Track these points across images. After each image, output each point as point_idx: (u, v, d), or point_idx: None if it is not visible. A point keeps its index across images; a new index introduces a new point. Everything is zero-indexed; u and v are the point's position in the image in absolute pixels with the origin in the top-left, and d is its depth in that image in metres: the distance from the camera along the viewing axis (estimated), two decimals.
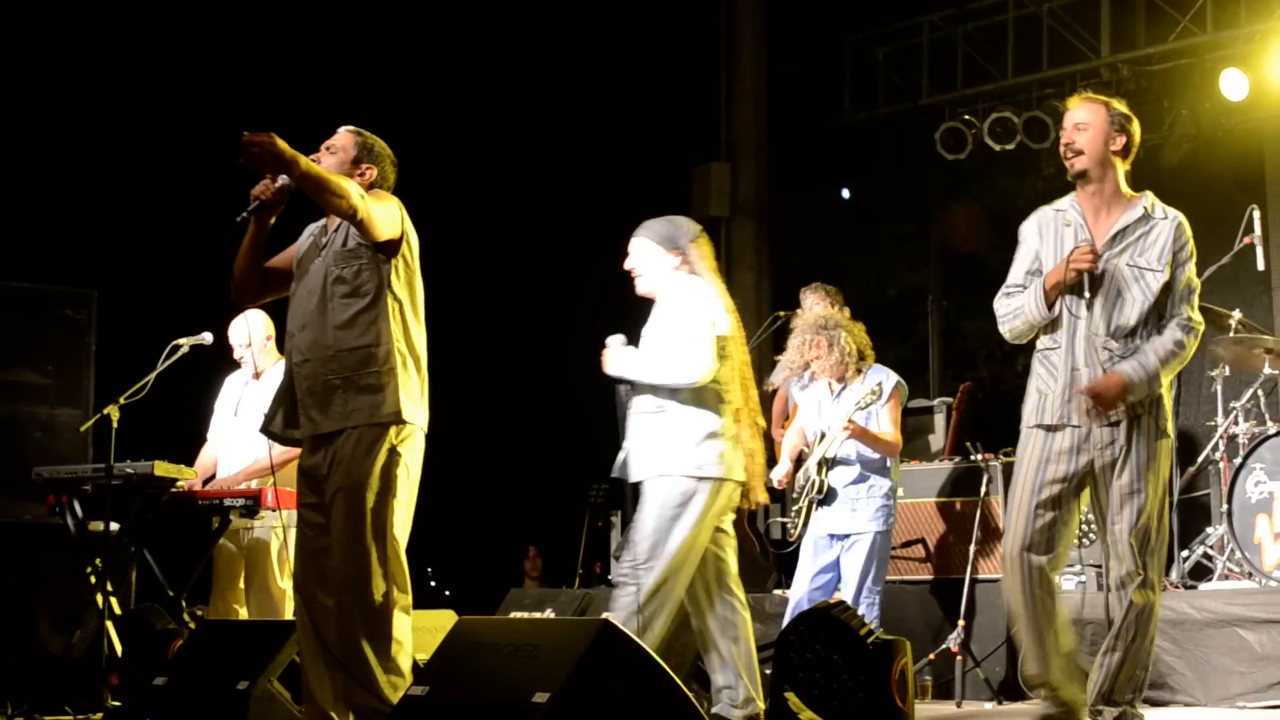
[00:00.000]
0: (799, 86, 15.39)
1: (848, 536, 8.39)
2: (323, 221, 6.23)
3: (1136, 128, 6.28)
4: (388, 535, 5.86)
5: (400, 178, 6.33)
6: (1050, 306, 6.15)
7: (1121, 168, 6.26)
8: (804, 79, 15.27)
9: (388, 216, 5.96)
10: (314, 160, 5.93)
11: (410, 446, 5.98)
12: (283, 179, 5.87)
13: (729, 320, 6.74)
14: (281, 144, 5.67)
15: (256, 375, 8.76)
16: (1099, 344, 6.10)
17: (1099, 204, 6.24)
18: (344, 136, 6.23)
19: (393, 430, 5.90)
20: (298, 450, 8.28)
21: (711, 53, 14.99)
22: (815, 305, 9.53)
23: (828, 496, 8.39)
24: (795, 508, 8.57)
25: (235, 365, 8.84)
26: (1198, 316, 6.17)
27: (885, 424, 8.52)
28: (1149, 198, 6.27)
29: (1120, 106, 6.28)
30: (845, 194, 14.45)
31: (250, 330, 8.69)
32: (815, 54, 14.85)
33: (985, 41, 12.85)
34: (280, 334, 7.81)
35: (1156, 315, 6.12)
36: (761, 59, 14.95)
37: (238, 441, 8.66)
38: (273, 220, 6.10)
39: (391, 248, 6.02)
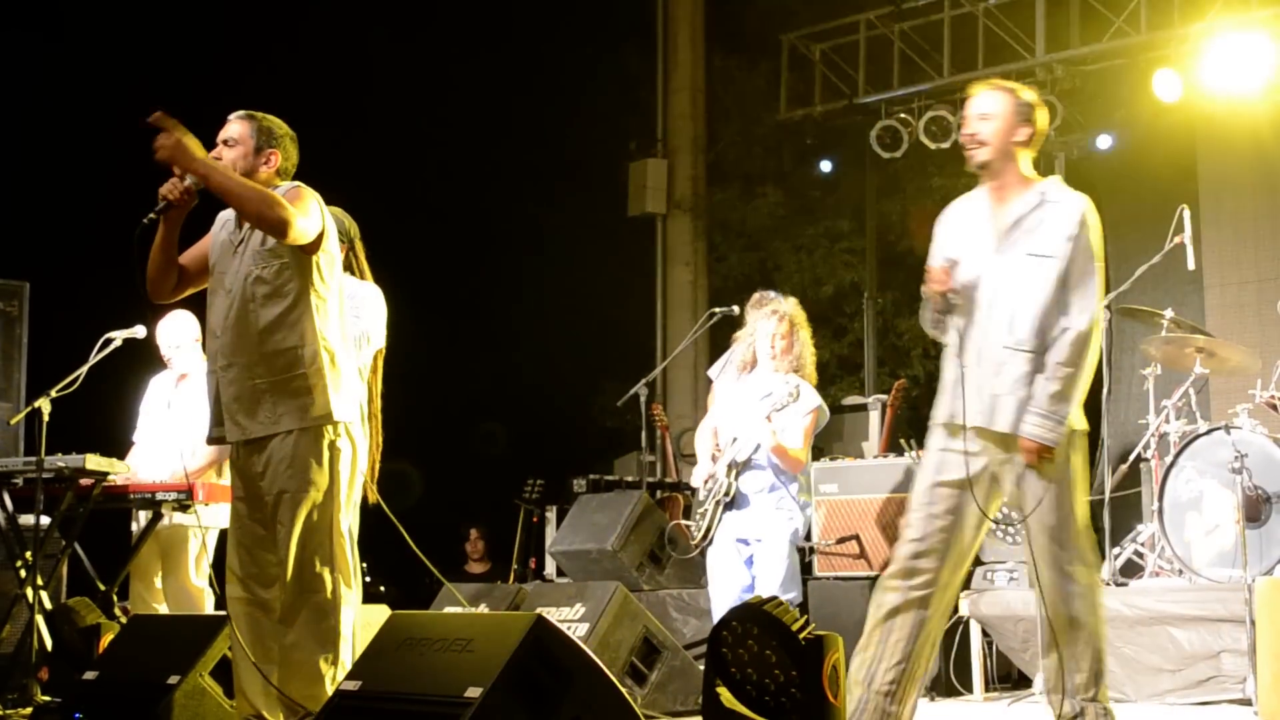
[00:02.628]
0: (736, 83, 15.43)
1: (760, 542, 8.25)
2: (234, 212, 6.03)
3: (1043, 116, 6.08)
4: (334, 532, 5.81)
5: (333, 169, 6.27)
6: (935, 323, 6.06)
7: (1025, 156, 6.04)
8: (741, 76, 15.32)
9: (312, 222, 5.81)
10: (215, 156, 5.85)
11: (346, 442, 5.91)
12: (190, 178, 5.74)
13: None
14: (192, 147, 5.62)
15: (183, 377, 8.72)
16: (995, 341, 5.88)
17: (1002, 194, 6.00)
18: (238, 126, 6.01)
19: (327, 429, 5.83)
20: (215, 459, 8.31)
21: (649, 49, 15.01)
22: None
23: (735, 501, 8.23)
24: (700, 510, 8.40)
25: (164, 365, 8.77)
26: (1090, 311, 5.84)
27: (795, 437, 8.30)
28: (1051, 183, 6.06)
29: (1026, 95, 6.05)
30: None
31: (178, 331, 8.64)
32: (752, 51, 14.90)
33: (921, 40, 12.90)
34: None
35: (1058, 307, 5.84)
36: (699, 56, 14.99)
37: (164, 444, 8.61)
38: (183, 217, 5.93)
39: (313, 244, 5.87)
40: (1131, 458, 9.49)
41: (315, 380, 5.81)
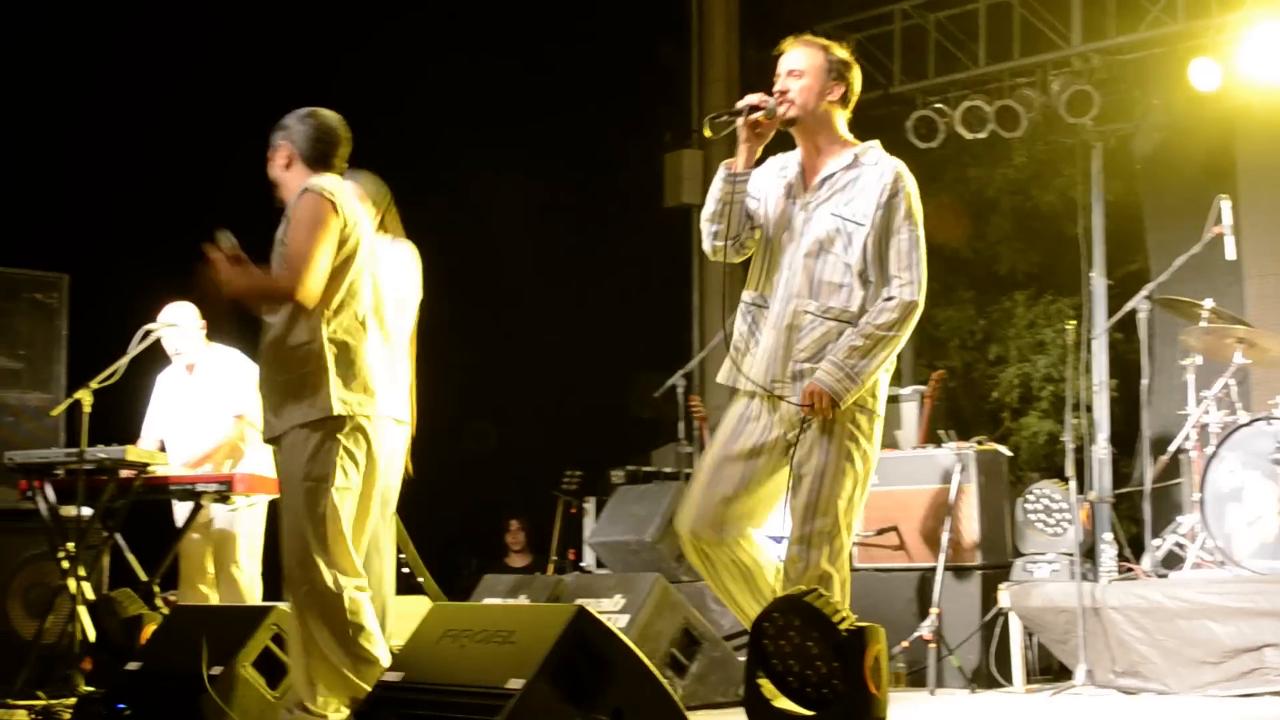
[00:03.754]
0: (771, 73, 15.40)
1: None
2: None
3: (856, 75, 5.78)
4: (328, 523, 5.76)
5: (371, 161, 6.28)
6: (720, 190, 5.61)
7: (840, 116, 5.75)
8: (776, 66, 15.28)
9: (318, 269, 5.78)
10: (275, 165, 6.04)
11: (356, 437, 5.87)
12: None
13: None
14: (227, 286, 5.75)
15: (191, 367, 8.77)
16: (795, 305, 5.57)
17: (814, 154, 5.72)
18: (281, 148, 6.12)
19: (330, 424, 5.80)
20: (232, 433, 8.40)
21: (684, 39, 14.99)
22: None
23: None
24: None
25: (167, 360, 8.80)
26: (918, 281, 5.54)
27: None
28: (867, 146, 5.73)
29: (840, 52, 5.77)
30: None
31: (180, 322, 8.67)
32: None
33: (957, 30, 12.85)
34: None
35: (865, 275, 5.52)
36: (733, 47, 14.95)
37: (180, 436, 8.67)
38: None
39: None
40: (1171, 449, 9.45)
41: (320, 376, 5.80)
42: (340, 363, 5.83)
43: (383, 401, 5.98)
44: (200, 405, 8.64)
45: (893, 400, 11.32)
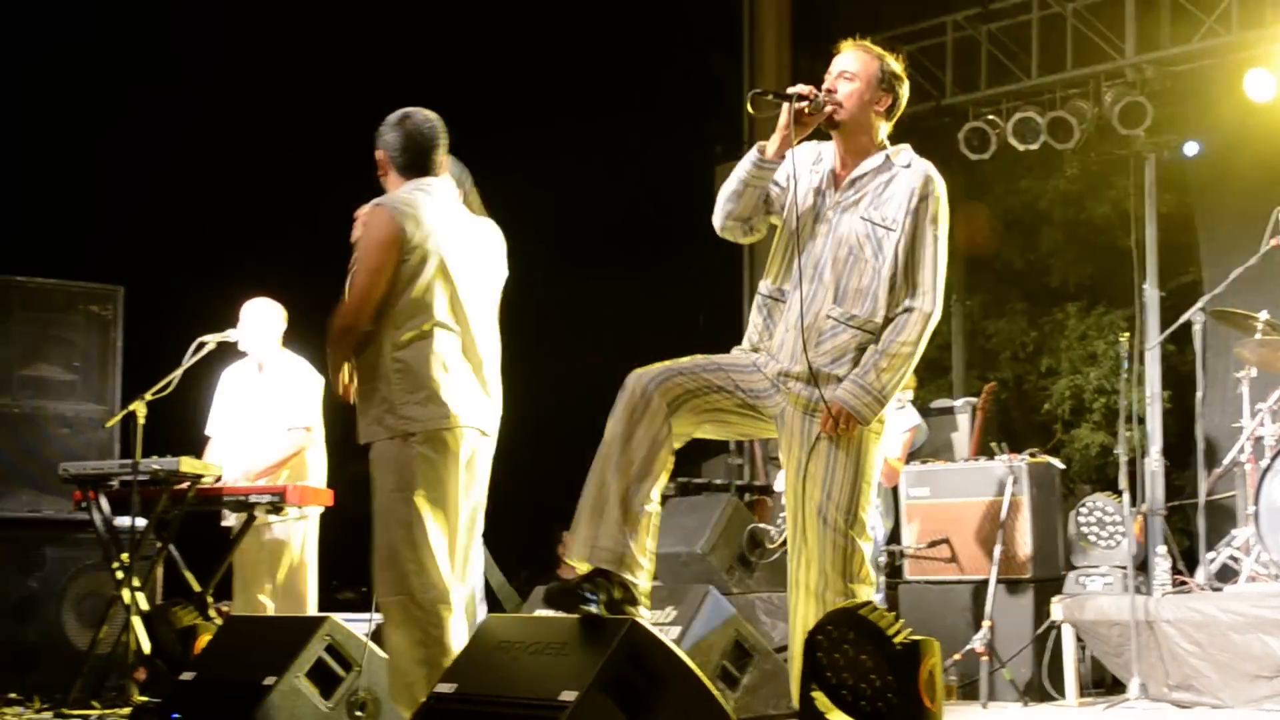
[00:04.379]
0: (822, 85, 15.38)
1: None
2: None
3: (905, 89, 5.69)
4: (410, 531, 5.79)
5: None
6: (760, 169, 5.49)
7: (883, 127, 5.64)
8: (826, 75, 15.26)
9: (380, 282, 5.83)
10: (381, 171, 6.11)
11: (435, 446, 5.86)
12: None
13: None
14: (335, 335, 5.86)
15: (259, 367, 8.79)
16: (818, 309, 5.42)
17: (850, 158, 5.57)
18: (379, 158, 6.18)
19: (404, 437, 5.82)
20: (300, 448, 8.42)
21: (735, 51, 14.98)
22: None
23: None
24: (783, 514, 8.40)
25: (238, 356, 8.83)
26: (938, 291, 5.41)
27: (894, 448, 8.46)
28: (900, 148, 5.61)
29: (894, 64, 5.67)
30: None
31: (258, 319, 8.70)
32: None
33: (1009, 41, 12.80)
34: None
35: (894, 281, 5.38)
36: (785, 59, 14.92)
37: (244, 437, 8.69)
38: None
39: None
40: (1226, 461, 9.41)
41: (388, 391, 5.83)
42: (406, 377, 5.84)
43: (465, 411, 5.94)
44: (264, 411, 8.65)
45: (945, 412, 11.31)
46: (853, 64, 5.65)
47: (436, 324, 5.92)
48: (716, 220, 5.67)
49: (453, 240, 6.02)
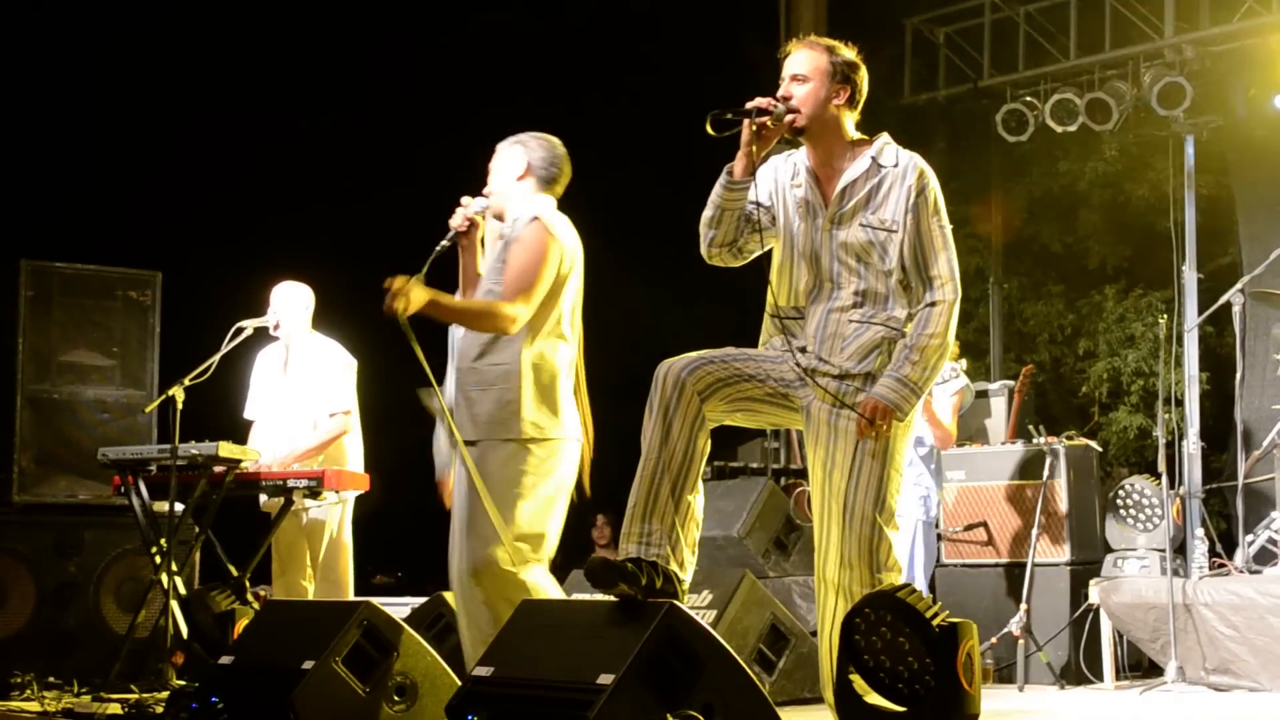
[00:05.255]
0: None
1: None
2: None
3: (863, 76, 5.53)
4: (517, 527, 6.06)
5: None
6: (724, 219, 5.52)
7: (849, 117, 5.52)
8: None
9: (532, 301, 6.10)
10: (504, 174, 6.32)
11: (546, 453, 6.15)
12: (477, 205, 6.27)
13: None
14: (418, 296, 5.84)
15: (288, 350, 8.81)
16: (838, 318, 5.39)
17: (826, 161, 5.50)
18: (505, 152, 6.40)
19: (520, 441, 6.10)
20: (340, 431, 8.48)
21: (771, 34, 14.94)
22: None
23: None
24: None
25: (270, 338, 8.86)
26: (954, 278, 5.35)
27: (945, 412, 8.51)
28: (880, 144, 5.48)
29: (845, 53, 5.54)
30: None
31: (289, 300, 8.72)
32: (876, 35, 14.76)
33: (1047, 22, 12.75)
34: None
35: (906, 281, 5.37)
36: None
37: (280, 419, 8.72)
38: (474, 245, 6.41)
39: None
40: (1265, 444, 9.36)
41: (515, 397, 6.11)
42: (536, 386, 6.13)
43: (570, 423, 6.25)
44: (295, 395, 8.68)
45: (981, 395, 11.28)
46: (802, 65, 5.53)
47: (561, 337, 6.26)
48: (702, 249, 5.67)
49: (580, 260, 6.37)
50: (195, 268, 10.99)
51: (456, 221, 6.29)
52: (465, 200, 6.26)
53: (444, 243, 6.26)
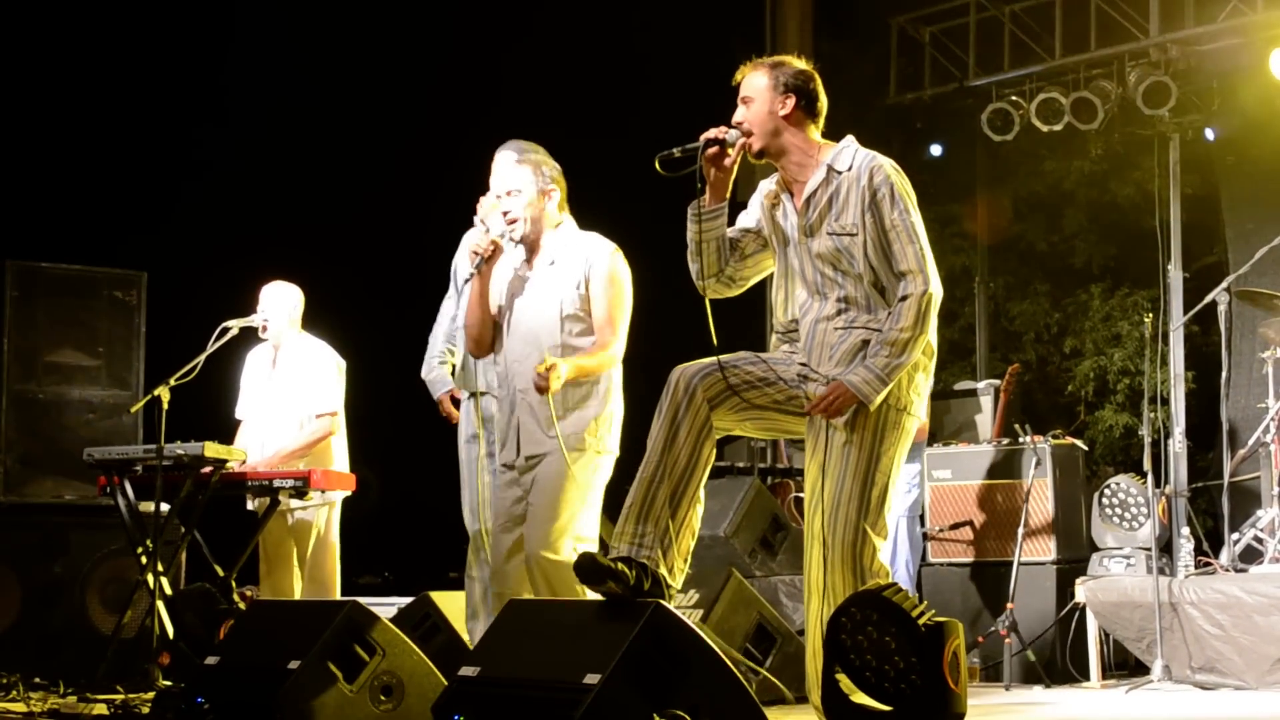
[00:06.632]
0: (844, 67, 15.33)
1: None
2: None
3: (816, 84, 5.55)
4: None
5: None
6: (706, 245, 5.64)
7: (809, 127, 5.54)
8: (849, 61, 15.22)
9: (628, 314, 6.62)
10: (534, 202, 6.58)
11: (607, 465, 6.58)
12: (507, 233, 6.55)
13: None
14: (559, 376, 6.22)
15: (276, 348, 8.80)
16: (823, 327, 5.45)
17: (796, 175, 5.54)
18: (526, 174, 6.66)
19: (597, 454, 6.52)
20: (326, 432, 8.51)
21: (757, 34, 14.95)
22: None
23: None
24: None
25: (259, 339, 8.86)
26: (925, 270, 5.34)
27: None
28: (837, 150, 5.51)
29: (793, 64, 5.55)
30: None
31: (278, 301, 8.72)
32: (861, 36, 14.79)
33: (1032, 22, 12.75)
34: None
35: (878, 283, 5.38)
36: (807, 42, 14.87)
37: (268, 419, 8.72)
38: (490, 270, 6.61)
39: None
40: (1251, 442, 9.38)
41: (593, 413, 6.50)
42: (608, 405, 6.56)
43: (617, 438, 6.61)
44: (283, 395, 8.68)
45: (968, 394, 11.30)
46: (746, 88, 5.59)
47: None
48: (696, 285, 5.76)
49: None
50: (181, 268, 10.97)
51: (496, 233, 6.59)
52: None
53: (471, 269, 6.52)
